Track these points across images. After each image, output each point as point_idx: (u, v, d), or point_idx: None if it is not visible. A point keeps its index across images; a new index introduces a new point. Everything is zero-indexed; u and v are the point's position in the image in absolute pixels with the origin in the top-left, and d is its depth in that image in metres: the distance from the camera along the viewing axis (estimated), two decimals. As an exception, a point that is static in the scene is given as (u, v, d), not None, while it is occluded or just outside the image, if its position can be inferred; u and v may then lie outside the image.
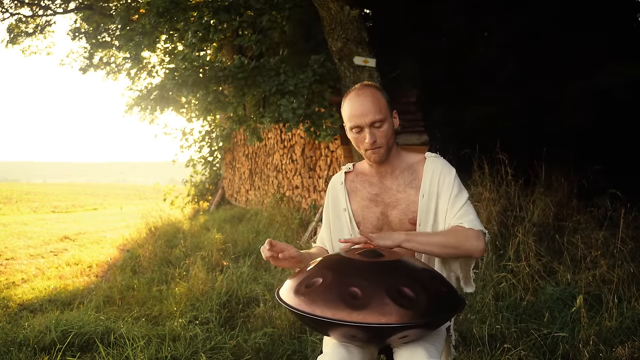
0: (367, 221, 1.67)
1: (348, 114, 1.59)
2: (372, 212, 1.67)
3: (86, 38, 11.04)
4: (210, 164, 10.48)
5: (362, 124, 1.56)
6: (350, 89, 1.65)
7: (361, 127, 1.57)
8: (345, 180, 1.74)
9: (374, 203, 1.67)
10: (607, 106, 4.59)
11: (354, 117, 1.57)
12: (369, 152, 1.60)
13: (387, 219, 1.66)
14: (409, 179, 1.65)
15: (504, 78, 4.92)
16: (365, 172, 1.72)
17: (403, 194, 1.64)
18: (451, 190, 1.58)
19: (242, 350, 2.71)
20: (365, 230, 1.68)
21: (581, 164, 4.43)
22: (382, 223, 1.66)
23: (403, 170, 1.67)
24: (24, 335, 2.84)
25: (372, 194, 1.68)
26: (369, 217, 1.67)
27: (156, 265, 4.63)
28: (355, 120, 1.57)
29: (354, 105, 1.58)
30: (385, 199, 1.66)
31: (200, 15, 5.35)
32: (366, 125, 1.56)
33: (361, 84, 1.64)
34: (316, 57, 4.96)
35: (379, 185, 1.68)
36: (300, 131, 6.18)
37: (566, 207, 4.27)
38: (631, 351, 2.42)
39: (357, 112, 1.56)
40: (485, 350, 2.55)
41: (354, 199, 1.71)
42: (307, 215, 5.92)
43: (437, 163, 1.63)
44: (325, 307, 1.22)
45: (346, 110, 1.61)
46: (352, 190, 1.72)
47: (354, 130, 1.59)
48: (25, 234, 7.72)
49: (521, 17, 4.89)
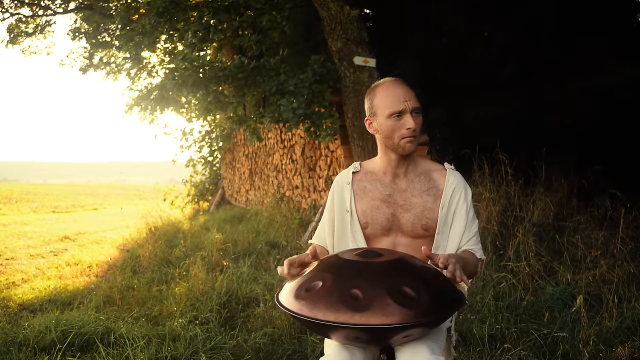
0: (376, 222, 1.64)
1: (387, 100, 1.56)
2: (383, 213, 1.64)
3: (86, 38, 11.05)
4: (210, 164, 10.48)
5: (406, 108, 1.54)
6: (375, 84, 1.62)
7: (403, 112, 1.55)
8: (353, 180, 1.71)
9: (385, 204, 1.64)
10: (607, 106, 4.59)
11: (396, 102, 1.54)
12: (406, 140, 1.57)
13: (398, 221, 1.63)
14: (427, 186, 1.64)
15: (504, 78, 4.92)
16: (376, 171, 1.69)
17: (419, 198, 1.62)
18: (467, 211, 1.63)
19: (242, 350, 2.71)
20: (373, 231, 1.64)
21: (581, 164, 4.43)
22: (391, 224, 1.63)
23: (419, 174, 1.65)
24: (24, 335, 2.84)
25: (384, 195, 1.65)
26: (378, 217, 1.64)
27: (156, 265, 4.63)
28: (398, 105, 1.54)
29: (394, 91, 1.55)
30: (398, 201, 1.64)
31: (200, 15, 5.35)
32: (409, 109, 1.54)
33: (389, 78, 1.63)
34: (316, 57, 4.96)
35: (392, 186, 1.65)
36: (300, 131, 6.18)
37: (566, 207, 4.27)
38: (631, 351, 2.42)
39: (401, 97, 1.54)
40: (485, 350, 2.55)
41: (362, 199, 1.67)
42: (307, 215, 5.92)
43: (458, 178, 1.66)
44: (327, 310, 1.22)
45: (383, 97, 1.57)
46: (360, 190, 1.68)
47: (393, 116, 1.55)
48: (25, 234, 7.72)
49: (521, 17, 4.89)
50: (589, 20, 4.81)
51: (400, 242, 1.64)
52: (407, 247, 1.63)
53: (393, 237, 1.65)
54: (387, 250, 1.48)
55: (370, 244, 1.67)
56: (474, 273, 1.62)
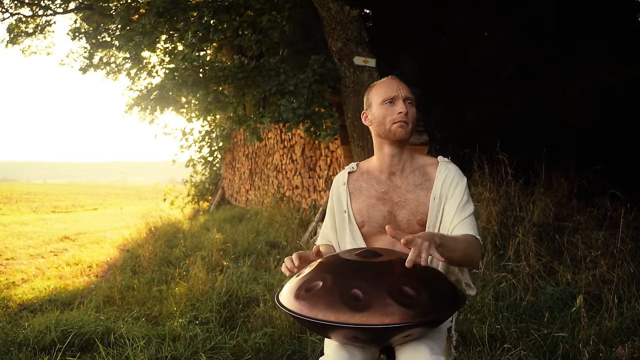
0: (373, 220, 1.64)
1: (381, 90, 1.62)
2: (379, 211, 1.63)
3: (86, 38, 11.04)
4: (210, 164, 10.48)
5: (397, 94, 1.59)
6: (373, 83, 1.69)
7: (396, 97, 1.59)
8: (349, 180, 1.71)
9: (381, 202, 1.64)
10: (607, 106, 4.59)
11: (389, 90, 1.60)
12: (397, 124, 1.59)
13: (394, 218, 1.63)
14: (420, 180, 1.63)
15: (504, 78, 4.92)
16: (372, 170, 1.70)
17: (412, 194, 1.62)
18: (461, 197, 1.58)
19: (242, 350, 2.71)
20: (370, 230, 1.65)
21: (581, 164, 4.43)
22: (388, 222, 1.63)
23: (413, 170, 1.65)
24: (24, 335, 2.84)
25: (379, 192, 1.65)
26: (374, 215, 1.64)
27: (156, 265, 4.63)
28: (390, 92, 1.60)
29: (389, 82, 1.62)
30: (393, 198, 1.63)
31: (200, 15, 5.35)
32: (401, 96, 1.59)
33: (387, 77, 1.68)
34: (316, 57, 4.96)
35: (388, 183, 1.65)
36: (300, 131, 6.18)
37: (566, 207, 4.27)
38: (631, 351, 2.42)
39: (394, 86, 1.61)
40: (485, 350, 2.55)
41: (358, 199, 1.67)
42: (307, 215, 5.92)
43: (451, 168, 1.64)
44: (328, 310, 1.22)
45: (377, 89, 1.64)
46: (356, 190, 1.69)
47: (386, 102, 1.60)
48: (25, 234, 7.71)
49: (521, 17, 4.89)
50: (589, 20, 4.81)
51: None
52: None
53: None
54: (386, 249, 1.48)
55: (369, 242, 1.67)
56: (472, 254, 1.48)
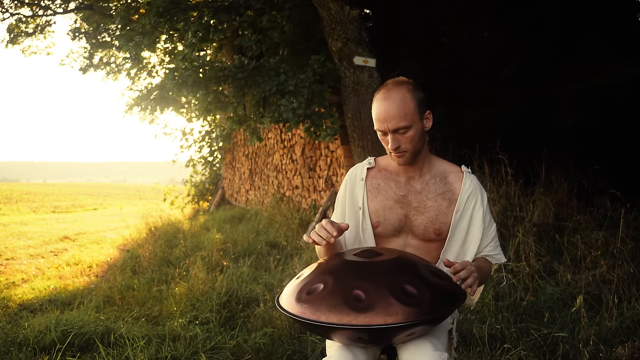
0: (388, 222, 1.62)
1: (374, 117, 1.57)
2: (395, 214, 1.62)
3: (86, 38, 11.04)
4: (210, 164, 10.48)
5: (385, 129, 1.54)
6: (382, 85, 1.61)
7: (384, 132, 1.55)
8: (367, 176, 1.68)
9: (399, 204, 1.62)
10: (607, 106, 4.59)
11: (378, 122, 1.56)
12: (393, 155, 1.58)
13: (410, 223, 1.62)
14: (442, 189, 1.62)
15: (504, 78, 4.92)
16: (390, 168, 1.67)
17: (433, 202, 1.61)
18: (484, 216, 1.63)
19: (242, 350, 2.71)
20: (384, 231, 1.63)
21: (581, 164, 4.43)
22: (403, 226, 1.62)
23: (434, 176, 1.63)
24: (24, 335, 2.84)
25: (398, 195, 1.63)
26: (390, 218, 1.62)
27: (156, 265, 4.63)
28: (379, 124, 1.55)
29: (379, 109, 1.55)
30: (412, 202, 1.62)
31: (200, 15, 5.34)
32: (389, 131, 1.53)
33: (393, 82, 1.58)
34: (316, 57, 4.95)
35: (407, 187, 1.63)
36: (300, 131, 6.18)
37: (566, 207, 4.27)
38: (631, 351, 2.42)
39: (381, 117, 1.54)
40: (485, 350, 2.55)
41: (375, 198, 1.65)
42: (307, 215, 5.92)
43: (474, 182, 1.64)
44: (330, 312, 1.22)
45: (373, 111, 1.58)
46: (374, 188, 1.66)
47: (379, 132, 1.58)
48: (25, 234, 7.71)
49: (521, 17, 4.88)
50: (589, 20, 4.81)
51: (410, 244, 1.63)
52: (417, 250, 1.62)
53: (403, 239, 1.64)
54: (385, 249, 1.48)
55: (380, 243, 1.66)
56: (486, 280, 1.65)
